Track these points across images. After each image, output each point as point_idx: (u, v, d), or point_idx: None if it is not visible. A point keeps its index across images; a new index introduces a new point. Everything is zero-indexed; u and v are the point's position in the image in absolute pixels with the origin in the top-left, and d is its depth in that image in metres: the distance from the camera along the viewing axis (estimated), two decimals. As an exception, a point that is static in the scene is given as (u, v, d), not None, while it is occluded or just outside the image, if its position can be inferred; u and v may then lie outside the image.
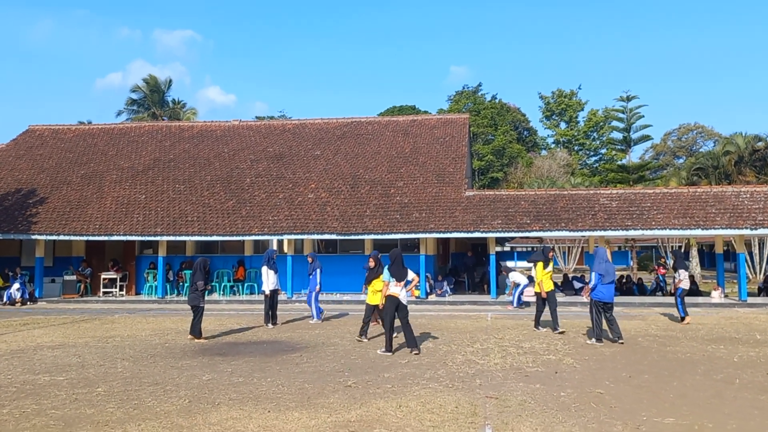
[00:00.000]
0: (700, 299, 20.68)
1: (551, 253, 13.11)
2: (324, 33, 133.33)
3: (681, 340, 12.12)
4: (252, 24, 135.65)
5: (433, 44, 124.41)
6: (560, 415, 6.66)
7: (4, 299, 21.04)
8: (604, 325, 11.93)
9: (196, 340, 12.31)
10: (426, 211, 21.02)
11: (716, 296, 20.93)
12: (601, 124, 71.92)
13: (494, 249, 21.67)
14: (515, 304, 18.66)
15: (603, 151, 72.92)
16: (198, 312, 12.58)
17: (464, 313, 17.72)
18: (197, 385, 8.35)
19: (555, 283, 22.37)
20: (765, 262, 32.98)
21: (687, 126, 73.93)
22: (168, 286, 22.85)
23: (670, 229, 19.26)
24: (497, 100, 71.79)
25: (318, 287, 15.29)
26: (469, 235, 20.26)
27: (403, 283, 11.14)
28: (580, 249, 50.52)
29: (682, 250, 47.36)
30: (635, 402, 7.24)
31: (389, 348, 10.70)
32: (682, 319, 14.62)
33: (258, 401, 7.40)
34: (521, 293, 18.89)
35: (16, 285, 21.20)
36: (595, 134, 73.91)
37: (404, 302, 11.14)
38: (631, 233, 19.61)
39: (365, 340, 12.01)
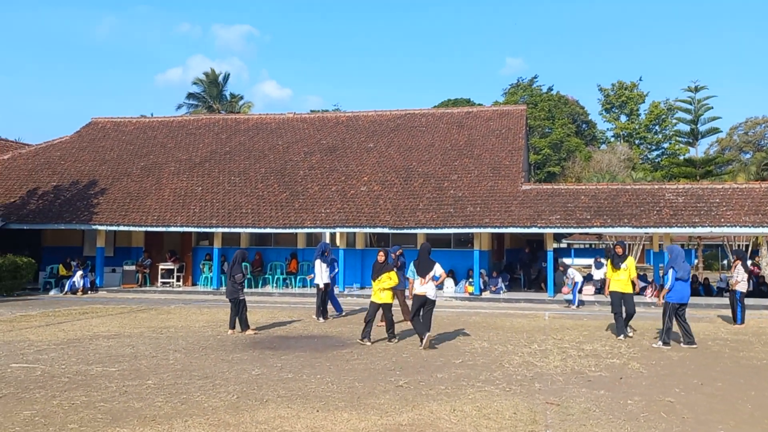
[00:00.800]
0: (765, 301, 19.48)
1: (619, 249, 12.18)
2: (379, 26, 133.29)
3: (755, 345, 11.33)
4: (308, 18, 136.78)
5: (488, 36, 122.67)
6: (628, 426, 6.18)
7: (67, 288, 21.63)
8: (674, 328, 11.24)
9: (247, 332, 12.20)
10: (481, 205, 20.51)
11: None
12: (664, 116, 69.38)
13: (552, 245, 20.96)
14: (575, 304, 17.97)
15: (665, 145, 70.36)
16: (238, 305, 12.38)
17: (520, 311, 17.17)
18: (246, 380, 8.20)
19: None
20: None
21: (754, 120, 70.59)
22: (223, 278, 23.01)
23: (741, 226, 18.18)
24: (554, 92, 70.07)
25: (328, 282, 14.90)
26: (526, 230, 19.66)
27: (427, 280, 10.82)
28: (641, 247, 48.80)
29: (749, 249, 45.27)
30: (709, 412, 6.68)
31: (423, 341, 10.72)
32: (738, 322, 13.82)
33: (307, 399, 7.18)
34: (579, 291, 18.23)
35: (79, 274, 21.78)
36: (657, 127, 71.36)
37: (432, 298, 10.91)
38: (699, 230, 18.62)
39: (368, 343, 10.98)
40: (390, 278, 11.22)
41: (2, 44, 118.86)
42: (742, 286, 13.90)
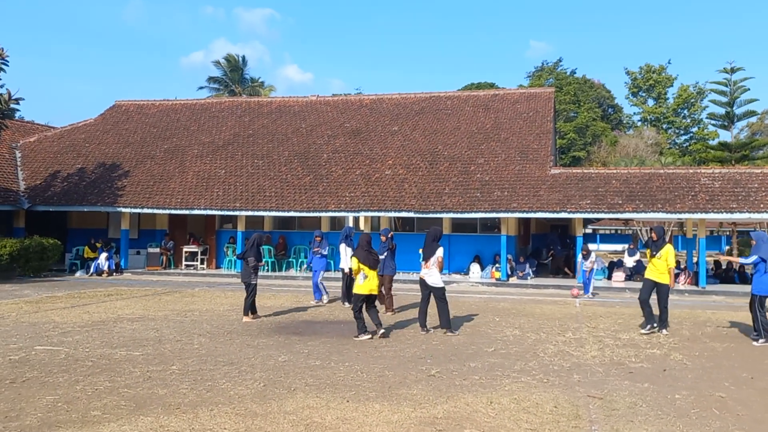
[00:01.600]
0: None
1: (654, 235, 11.26)
2: (401, 9, 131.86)
3: (802, 336, 10.80)
4: (330, 1, 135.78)
5: (512, 18, 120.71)
6: (679, 423, 5.80)
7: (92, 270, 21.65)
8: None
9: (250, 319, 11.79)
10: (508, 190, 20.03)
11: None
12: (693, 100, 67.71)
13: (582, 231, 20.43)
14: (588, 292, 17.09)
15: (694, 129, 68.78)
16: (250, 289, 12.00)
17: (549, 297, 16.76)
18: (273, 366, 7.95)
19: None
20: None
21: (787, 104, 68.53)
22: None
23: (782, 212, 17.50)
24: (580, 76, 68.73)
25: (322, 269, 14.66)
26: (555, 215, 19.15)
27: (429, 264, 10.50)
28: (669, 233, 47.85)
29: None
30: (765, 410, 6.26)
31: (423, 326, 10.69)
32: None
33: (336, 388, 6.89)
34: (589, 279, 17.27)
35: (104, 256, 21.77)
36: (685, 111, 69.69)
37: (432, 284, 10.51)
38: (737, 216, 17.96)
39: (364, 338, 9.94)
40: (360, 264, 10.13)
41: (33, 27, 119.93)
42: None
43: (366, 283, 10.08)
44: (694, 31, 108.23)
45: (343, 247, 14.31)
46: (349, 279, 14.02)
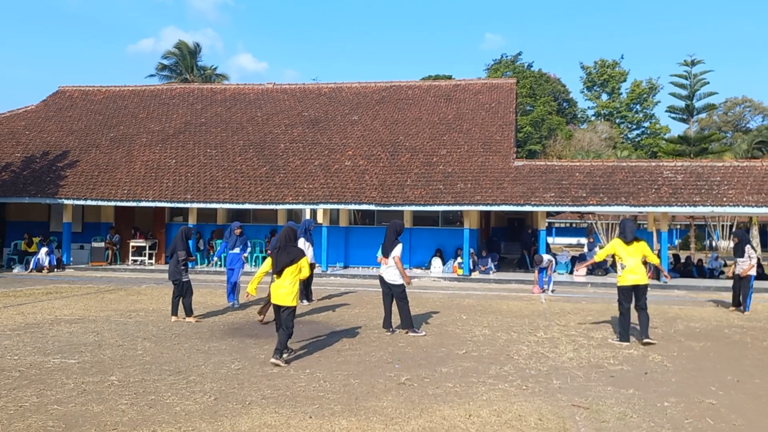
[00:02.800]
0: (766, 284, 18.91)
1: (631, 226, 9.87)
2: (355, 0, 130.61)
3: (773, 332, 10.60)
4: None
5: (467, 10, 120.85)
6: (676, 437, 5.30)
7: (32, 266, 20.31)
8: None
9: (188, 319, 10.83)
10: (471, 182, 19.54)
11: (787, 281, 19.14)
12: (645, 95, 68.91)
13: (545, 224, 20.12)
14: (544, 286, 16.53)
15: (646, 124, 70.05)
16: (181, 287, 10.98)
17: (513, 293, 16.33)
18: (225, 375, 7.18)
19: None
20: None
21: (734, 100, 70.32)
22: (198, 256, 21.90)
23: (744, 206, 17.47)
24: (536, 70, 69.14)
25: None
26: (520, 208, 18.73)
27: (388, 260, 9.86)
28: (623, 225, 48.45)
29: (733, 228, 45.09)
30: (761, 417, 5.83)
31: (387, 327, 10.00)
32: (741, 310, 12.95)
33: (296, 401, 6.18)
34: (550, 278, 16.80)
35: (44, 251, 20.45)
36: (638, 106, 70.94)
37: (388, 280, 9.89)
38: (700, 210, 17.88)
39: (281, 363, 7.63)
40: (302, 269, 7.97)
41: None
42: (754, 270, 13.05)
43: (272, 288, 8.13)
44: (647, 27, 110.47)
45: (302, 241, 13.51)
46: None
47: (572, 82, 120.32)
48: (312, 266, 13.44)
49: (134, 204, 21.20)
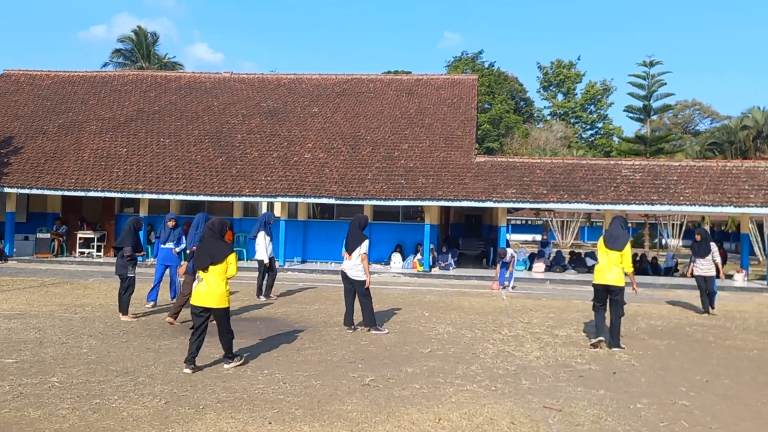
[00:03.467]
0: (718, 282, 19.22)
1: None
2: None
3: (732, 330, 10.66)
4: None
5: (426, 7, 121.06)
6: (653, 441, 5.11)
7: (-30, 257, 19.24)
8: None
9: (123, 318, 10.08)
10: (433, 177, 19.32)
11: (739, 279, 19.54)
12: (599, 96, 70.16)
13: (505, 220, 20.05)
14: (505, 282, 16.43)
15: (600, 124, 71.33)
16: (126, 282, 10.25)
17: (474, 289, 16.19)
18: (177, 377, 6.71)
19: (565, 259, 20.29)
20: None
21: (684, 103, 72.22)
22: (150, 249, 21.11)
23: (700, 205, 17.71)
24: (495, 68, 69.66)
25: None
26: (482, 204, 18.61)
27: (353, 257, 9.51)
28: (578, 224, 49.20)
29: (683, 227, 46.23)
30: (736, 421, 5.70)
31: (349, 324, 9.66)
32: (707, 312, 12.32)
33: (254, 405, 5.78)
34: (511, 273, 16.68)
35: (-17, 241, 19.39)
36: (592, 107, 72.19)
37: (351, 276, 9.55)
38: (658, 208, 18.05)
39: (187, 371, 6.84)
40: (229, 267, 7.18)
41: None
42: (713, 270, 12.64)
43: (199, 289, 7.06)
44: (603, 30, 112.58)
45: (262, 235, 13.09)
46: (265, 269, 12.95)
47: (529, 82, 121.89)
48: (272, 261, 13.02)
49: (82, 194, 20.31)
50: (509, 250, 16.62)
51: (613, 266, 8.48)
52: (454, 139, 21.26)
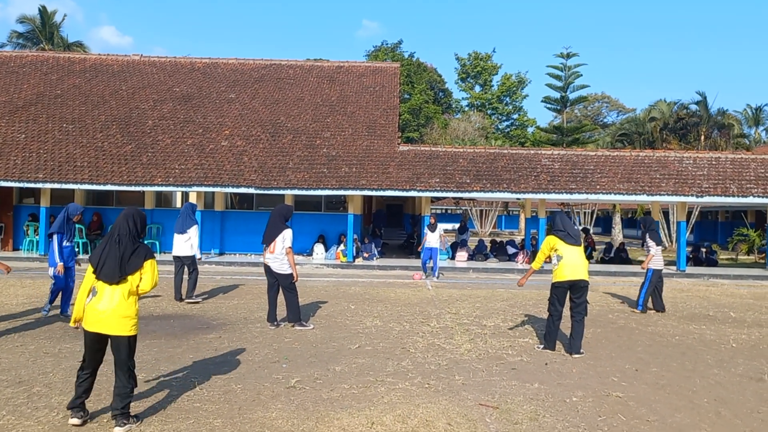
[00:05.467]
0: (629, 267, 19.94)
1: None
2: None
3: (652, 317, 10.88)
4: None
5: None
6: (594, 438, 4.93)
7: None
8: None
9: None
10: (356, 166, 18.91)
11: (650, 265, 20.26)
12: (514, 89, 71.83)
13: (429, 210, 19.93)
14: (435, 273, 16.21)
15: (515, 116, 73.07)
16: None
17: (398, 279, 15.94)
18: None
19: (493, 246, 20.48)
20: (675, 233, 33.28)
21: (593, 96, 75.10)
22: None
23: (615, 193, 18.17)
24: (414, 59, 69.98)
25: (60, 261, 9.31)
26: (406, 193, 18.37)
27: (275, 248, 9.01)
28: (496, 213, 50.17)
29: (594, 215, 48.01)
30: (671, 412, 5.63)
31: (272, 320, 9.12)
32: (643, 311, 11.24)
33: (166, 416, 5.20)
34: (435, 260, 16.55)
35: None
36: (508, 99, 73.81)
37: (275, 270, 9.05)
38: (576, 197, 18.40)
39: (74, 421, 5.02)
40: (142, 277, 5.13)
41: None
42: (657, 262, 11.52)
43: (95, 307, 5.00)
44: (519, 21, 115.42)
45: (194, 229, 11.56)
46: (181, 267, 11.69)
47: (448, 73, 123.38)
48: (193, 258, 11.67)
49: (-26, 183, 18.59)
50: (440, 226, 16.27)
51: (581, 260, 7.79)
52: (377, 128, 20.92)
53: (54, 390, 5.86)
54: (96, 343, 5.04)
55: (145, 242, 5.41)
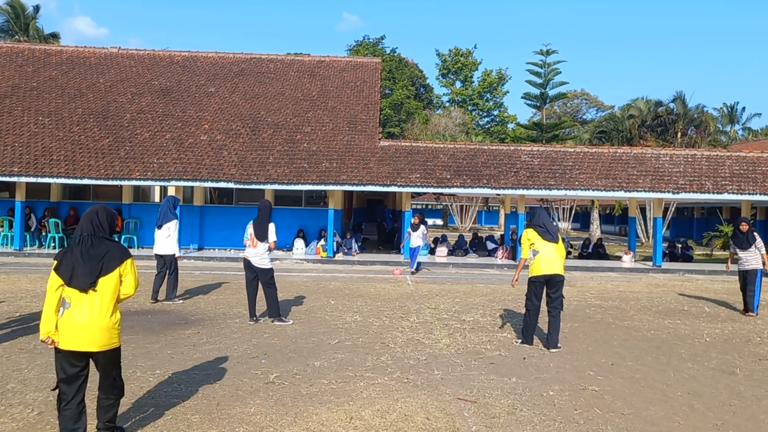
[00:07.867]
0: (607, 263, 20.18)
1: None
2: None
3: (629, 311, 11.01)
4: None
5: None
6: (569, 430, 4.99)
7: None
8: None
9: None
10: (337, 161, 18.87)
11: (627, 260, 20.58)
12: (495, 85, 72.15)
13: (410, 205, 19.97)
14: (413, 266, 16.45)
15: (495, 112, 73.42)
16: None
17: (378, 275, 15.96)
18: (54, 381, 5.93)
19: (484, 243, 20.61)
20: (652, 228, 33.68)
21: (572, 93, 75.69)
22: (28, 237, 19.39)
23: (593, 189, 18.36)
24: (396, 54, 69.97)
25: None
26: (386, 189, 18.34)
27: (260, 243, 9.01)
28: (476, 208, 50.39)
29: (572, 211, 48.42)
30: (645, 405, 5.72)
31: (252, 315, 9.12)
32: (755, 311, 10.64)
33: (144, 412, 5.18)
34: (415, 254, 16.71)
35: None
36: (488, 95, 74.10)
37: (255, 264, 9.02)
38: (555, 193, 18.54)
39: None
40: (123, 279, 4.54)
41: None
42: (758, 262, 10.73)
43: (71, 320, 4.27)
44: (500, 18, 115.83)
45: (174, 224, 11.13)
46: (164, 266, 11.23)
47: (429, 69, 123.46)
48: (173, 257, 11.20)
49: (-54, 177, 18.25)
50: (420, 229, 16.38)
51: (558, 255, 7.82)
52: (357, 123, 20.89)
53: (29, 386, 5.80)
54: (75, 365, 4.28)
55: (123, 237, 5.37)
